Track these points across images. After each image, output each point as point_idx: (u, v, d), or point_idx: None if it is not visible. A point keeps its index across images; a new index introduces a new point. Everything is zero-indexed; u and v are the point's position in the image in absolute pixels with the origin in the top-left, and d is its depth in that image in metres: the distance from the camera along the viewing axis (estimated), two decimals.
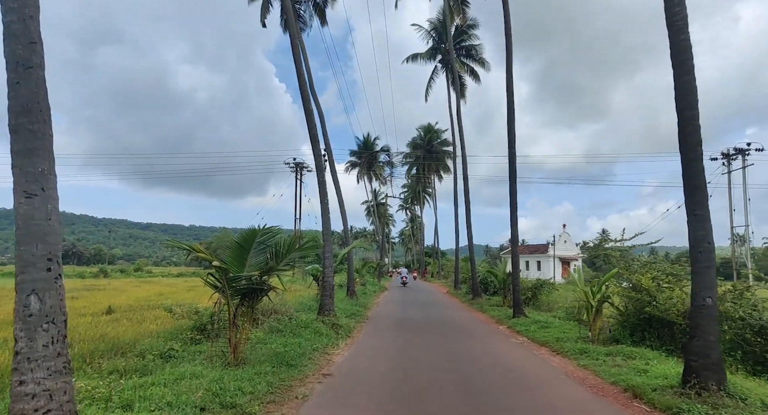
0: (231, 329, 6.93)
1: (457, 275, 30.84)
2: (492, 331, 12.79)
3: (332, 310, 11.84)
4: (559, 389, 6.60)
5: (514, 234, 14.88)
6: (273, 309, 10.31)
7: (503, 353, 9.44)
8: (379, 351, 9.25)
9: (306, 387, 6.35)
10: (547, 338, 10.62)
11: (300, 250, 7.70)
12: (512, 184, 14.98)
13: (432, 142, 51.86)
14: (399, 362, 8.26)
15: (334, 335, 10.20)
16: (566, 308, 15.30)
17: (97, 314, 13.73)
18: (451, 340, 10.81)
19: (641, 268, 10.89)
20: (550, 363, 8.50)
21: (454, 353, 9.22)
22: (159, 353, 7.64)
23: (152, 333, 9.62)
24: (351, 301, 18.09)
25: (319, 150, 12.11)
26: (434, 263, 61.32)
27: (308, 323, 10.33)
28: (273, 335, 9.04)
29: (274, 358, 7.40)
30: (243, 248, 7.25)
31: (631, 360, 8.12)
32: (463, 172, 24.15)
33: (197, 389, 5.44)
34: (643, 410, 5.64)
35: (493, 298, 21.66)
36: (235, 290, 6.95)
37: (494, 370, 7.73)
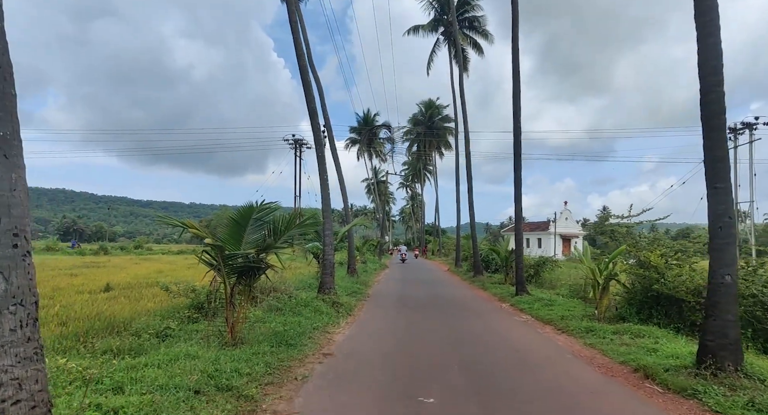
0: (228, 309, 6.69)
1: (458, 253, 30.70)
2: (495, 309, 12.62)
3: (333, 288, 11.64)
4: (566, 370, 6.40)
5: (518, 210, 14.57)
6: (272, 287, 10.09)
7: (507, 331, 9.25)
8: (381, 330, 9.07)
9: (306, 368, 6.14)
10: (552, 316, 10.43)
11: (299, 227, 7.40)
12: (517, 159, 14.59)
13: (433, 119, 51.11)
14: (401, 341, 8.07)
15: (334, 314, 10.01)
16: (570, 285, 15.15)
17: (94, 291, 13.55)
18: (453, 318, 10.63)
19: (649, 245, 10.61)
20: (555, 342, 8.30)
21: (457, 331, 9.03)
22: (155, 332, 7.44)
23: (149, 311, 9.42)
24: (352, 279, 17.94)
25: (318, 124, 11.68)
26: (435, 241, 61.33)
27: (308, 302, 10.13)
28: (272, 314, 8.84)
29: (273, 337, 7.19)
30: (239, 224, 6.94)
31: (639, 339, 7.92)
32: (466, 149, 23.69)
33: (192, 370, 5.21)
34: (656, 391, 5.43)
35: (495, 275, 21.52)
36: (232, 268, 6.68)
37: (499, 350, 7.54)
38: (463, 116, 24.18)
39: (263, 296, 9.75)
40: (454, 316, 11.00)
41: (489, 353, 7.28)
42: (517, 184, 14.53)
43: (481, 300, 14.44)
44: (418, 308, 12.27)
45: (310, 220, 8.55)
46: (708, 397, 4.95)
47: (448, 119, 50.92)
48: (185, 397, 4.50)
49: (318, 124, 11.73)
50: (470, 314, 11.39)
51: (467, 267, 26.61)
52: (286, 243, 7.41)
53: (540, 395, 5.22)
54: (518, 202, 14.52)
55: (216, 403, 4.54)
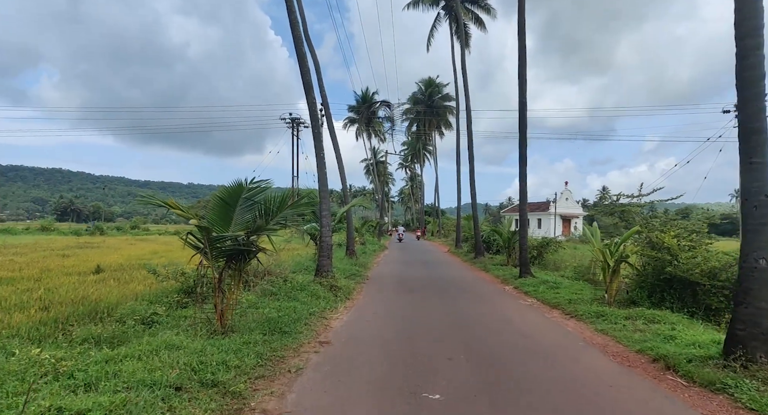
0: (216, 295, 6.22)
1: (458, 234, 30.30)
2: (498, 291, 12.21)
3: (330, 271, 11.18)
4: (579, 358, 5.97)
5: (523, 189, 14.02)
6: (267, 271, 9.62)
7: (513, 316, 8.83)
8: (381, 315, 8.64)
9: (301, 358, 5.70)
10: (558, 299, 10.02)
11: (293, 207, 6.88)
12: (522, 135, 13.98)
13: (433, 97, 50.08)
14: (402, 327, 7.64)
15: (332, 298, 9.57)
16: (575, 267, 14.74)
17: (84, 273, 13.13)
18: (456, 302, 10.21)
19: (661, 225, 10.13)
20: (564, 328, 7.89)
21: (461, 316, 8.60)
22: (141, 318, 7.01)
23: (138, 295, 9.00)
24: (350, 261, 17.51)
25: (314, 99, 11.03)
26: (434, 222, 60.96)
27: (305, 285, 9.67)
28: (266, 299, 8.38)
29: (266, 324, 6.74)
30: (227, 204, 6.41)
31: (653, 324, 7.50)
32: (467, 127, 23.03)
33: (175, 363, 4.76)
34: (679, 384, 5.00)
35: (496, 257, 21.13)
36: (220, 252, 6.18)
37: (506, 336, 7.11)
38: (465, 93, 23.42)
39: (257, 279, 9.29)
40: (456, 299, 10.58)
41: (496, 340, 6.86)
42: (522, 161, 13.96)
43: (483, 282, 14.04)
44: (419, 290, 11.85)
45: (305, 199, 8.02)
46: (740, 392, 4.52)
47: (449, 98, 49.91)
48: (164, 395, 4.05)
49: (314, 99, 11.09)
50: (473, 297, 10.98)
51: (468, 248, 26.22)
52: (279, 225, 6.89)
53: (555, 387, 4.79)
54: (523, 181, 13.98)
55: (199, 401, 4.09)
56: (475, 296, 11.31)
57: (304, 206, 6.95)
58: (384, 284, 13.22)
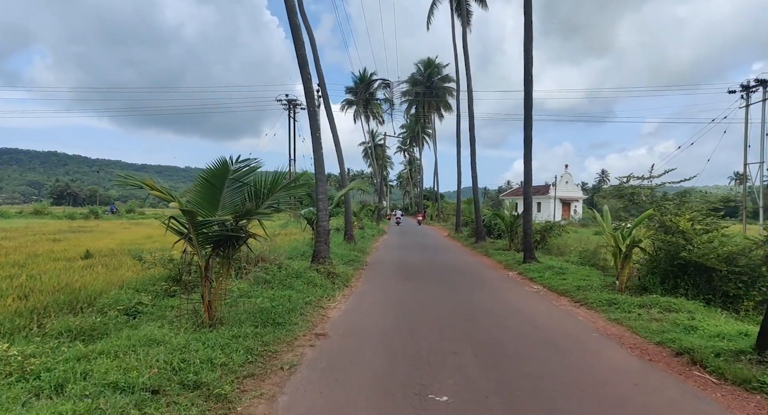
0: (203, 284, 5.73)
1: (458, 218, 29.84)
2: (502, 277, 11.78)
3: (328, 257, 10.71)
4: (596, 352, 5.54)
5: (528, 171, 13.49)
6: (260, 257, 9.14)
7: (520, 304, 8.39)
8: (381, 303, 8.19)
9: (295, 353, 5.25)
10: (566, 286, 9.58)
11: (285, 189, 6.34)
12: (527, 114, 13.39)
13: (432, 78, 49.11)
14: (403, 316, 7.19)
15: (329, 286, 9.11)
16: (580, 251, 14.32)
17: (73, 258, 12.66)
18: (459, 289, 9.78)
19: (675, 208, 9.64)
20: (575, 317, 7.46)
21: (465, 305, 8.17)
22: (124, 308, 6.54)
23: (125, 282, 8.54)
24: (349, 246, 17.05)
25: (309, 74, 10.39)
26: (433, 206, 60.51)
27: (300, 272, 9.20)
28: (259, 287, 7.91)
29: (259, 315, 6.28)
30: (213, 185, 5.88)
31: (669, 313, 7.07)
32: (469, 108, 22.33)
33: (154, 361, 4.29)
34: (709, 382, 4.57)
35: (498, 241, 20.71)
36: (206, 238, 5.67)
37: (515, 327, 6.66)
38: (466, 73, 22.67)
39: (250, 266, 8.81)
40: (459, 286, 10.15)
41: (504, 330, 6.41)
42: (527, 142, 13.40)
43: (486, 268, 13.61)
44: (421, 277, 11.42)
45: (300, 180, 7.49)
46: None
47: (448, 79, 48.94)
48: (138, 400, 3.58)
49: (309, 75, 10.45)
50: (477, 284, 10.55)
51: (468, 233, 25.81)
52: (271, 208, 6.37)
53: (575, 387, 4.34)
54: (528, 162, 13.44)
55: (178, 406, 3.63)
56: (478, 282, 10.88)
57: (297, 188, 6.41)
58: (383, 270, 12.78)
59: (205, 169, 5.83)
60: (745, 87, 31.61)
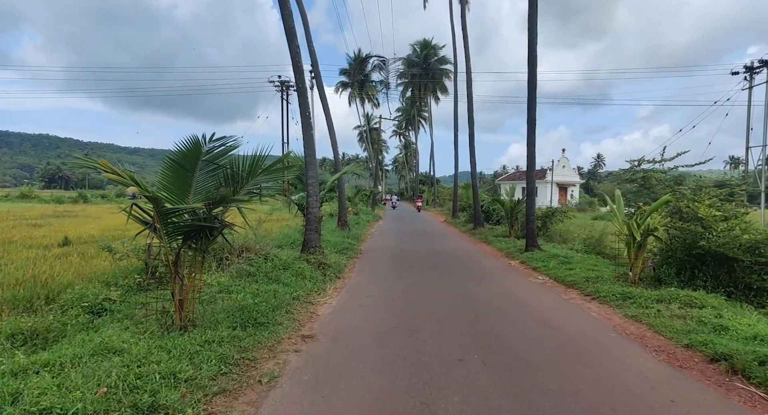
0: (173, 281, 5.02)
1: (455, 203, 29.18)
2: (504, 267, 11.15)
3: (319, 246, 9.99)
4: (619, 357, 4.90)
5: (531, 153, 12.74)
6: (244, 247, 8.42)
7: (527, 298, 7.75)
8: (375, 298, 7.53)
9: (277, 360, 4.58)
10: (574, 277, 8.95)
11: (268, 172, 5.58)
12: (531, 94, 12.60)
13: (429, 60, 47.90)
14: (401, 314, 6.52)
15: (320, 278, 8.42)
16: (584, 238, 13.70)
17: (50, 246, 11.94)
18: (460, 280, 9.13)
19: (692, 194, 8.98)
20: (588, 313, 6.82)
21: (468, 299, 7.51)
22: (89, 305, 5.84)
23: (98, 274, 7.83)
24: (342, 233, 16.35)
25: (297, 48, 9.53)
26: (429, 191, 59.81)
27: (289, 263, 8.48)
28: (241, 281, 7.20)
29: (239, 314, 5.59)
30: (183, 168, 5.13)
31: (691, 309, 6.46)
32: (467, 88, 21.45)
33: (105, 377, 3.60)
34: (757, 396, 3.93)
35: (497, 228, 20.08)
36: (175, 228, 4.94)
37: (523, 325, 6.02)
38: (465, 52, 21.70)
39: (233, 258, 8.09)
40: (459, 277, 9.50)
41: (514, 330, 5.76)
42: (530, 122, 12.63)
43: (486, 256, 12.97)
44: (418, 266, 10.77)
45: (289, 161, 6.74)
46: None
47: (445, 61, 47.78)
48: None
49: (297, 49, 9.59)
50: (478, 274, 9.90)
51: (466, 218, 25.18)
52: (252, 194, 5.63)
53: (604, 405, 3.69)
54: (531, 145, 12.69)
55: None
56: (479, 272, 10.23)
57: (280, 171, 5.65)
58: (379, 258, 12.12)
59: (174, 151, 5.06)
60: (749, 68, 30.89)
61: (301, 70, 9.65)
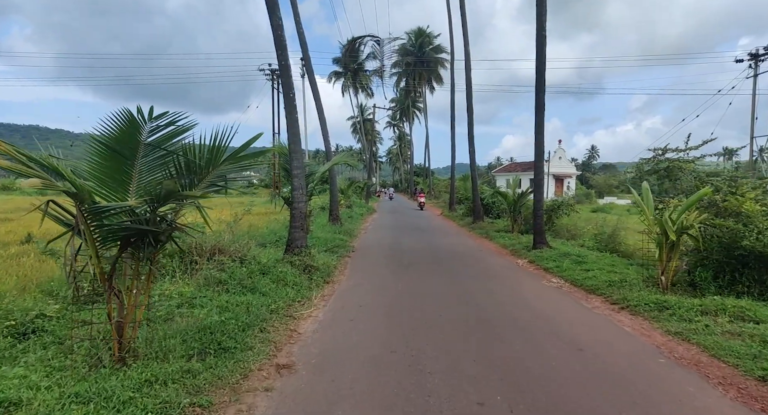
0: (108, 301, 3.89)
1: (452, 196, 28.11)
2: (512, 267, 10.08)
3: (305, 245, 8.83)
4: (675, 393, 3.84)
5: (540, 142, 11.63)
6: (217, 248, 7.25)
7: (546, 308, 6.67)
8: (370, 307, 6.43)
9: (239, 407, 3.47)
10: (594, 281, 7.91)
11: (234, 160, 4.43)
12: (540, 79, 11.48)
13: (424, 48, 46.57)
14: (400, 330, 5.43)
15: (305, 284, 7.29)
16: (595, 234, 12.67)
17: (10, 243, 10.77)
18: (465, 284, 8.06)
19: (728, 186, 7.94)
20: (620, 327, 5.77)
21: (478, 310, 6.43)
22: (16, 323, 4.70)
23: (43, 281, 6.71)
24: (334, 228, 15.21)
25: (279, 20, 8.30)
26: (424, 183, 58.69)
27: (269, 267, 7.33)
28: (209, 291, 6.05)
29: (198, 337, 4.48)
30: (118, 154, 3.97)
31: (745, 323, 5.45)
32: (466, 74, 20.26)
33: None
34: None
35: (497, 222, 19.04)
36: (108, 232, 3.79)
37: (551, 349, 4.93)
38: (464, 36, 20.45)
39: (202, 261, 6.94)
40: (464, 279, 8.43)
41: (538, 355, 4.68)
42: (539, 108, 11.52)
43: (491, 254, 11.90)
44: (417, 266, 9.68)
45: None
46: None
47: (440, 49, 46.48)
48: None
49: (279, 21, 8.36)
50: (485, 276, 8.83)
51: (463, 211, 24.12)
52: (215, 187, 4.48)
53: None
54: (540, 133, 11.59)
55: None
56: (486, 273, 9.15)
57: (251, 158, 4.51)
58: (373, 257, 11.01)
59: (103, 131, 3.88)
60: (754, 55, 29.99)
61: (284, 44, 8.43)
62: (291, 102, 8.55)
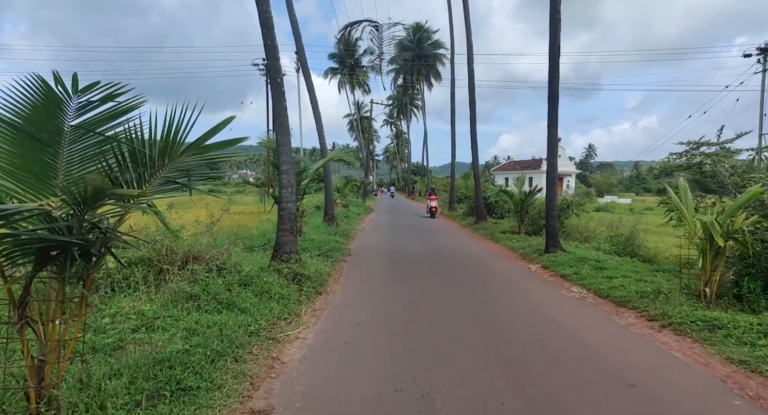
0: (21, 334, 2.91)
1: (452, 194, 27.15)
2: (525, 274, 9.13)
3: (294, 251, 7.82)
4: None
5: (553, 136, 10.69)
6: (192, 255, 6.24)
7: (574, 326, 5.71)
8: (369, 327, 5.46)
9: None
10: (623, 291, 6.97)
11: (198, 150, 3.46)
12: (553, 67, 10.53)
13: (422, 43, 45.54)
14: (406, 361, 4.45)
15: (293, 296, 6.30)
16: (611, 236, 11.73)
17: None
18: (476, 295, 7.10)
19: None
20: (668, 352, 4.82)
21: (495, 330, 5.47)
22: None
23: None
24: (329, 229, 14.22)
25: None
26: (422, 181, 57.75)
27: (252, 277, 6.30)
28: (177, 310, 5.05)
29: (152, 376, 3.50)
30: (35, 139, 2.98)
31: None
32: (468, 66, 19.27)
33: None
34: None
35: (502, 222, 18.09)
36: (15, 245, 2.80)
37: (596, 385, 3.97)
38: (466, 25, 19.43)
39: (172, 269, 5.92)
40: (474, 288, 7.49)
41: (580, 394, 3.73)
42: (552, 101, 10.56)
43: (499, 258, 10.94)
44: (421, 273, 8.72)
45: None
46: None
47: (439, 45, 45.50)
48: None
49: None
50: (497, 286, 7.89)
51: (464, 211, 23.17)
52: (170, 185, 3.51)
53: None
54: (553, 126, 10.64)
55: None
56: (497, 282, 8.20)
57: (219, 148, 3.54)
58: (371, 262, 10.05)
59: (8, 104, 2.88)
60: (763, 50, 29.25)
61: (270, 22, 7.43)
62: (278, 87, 7.55)
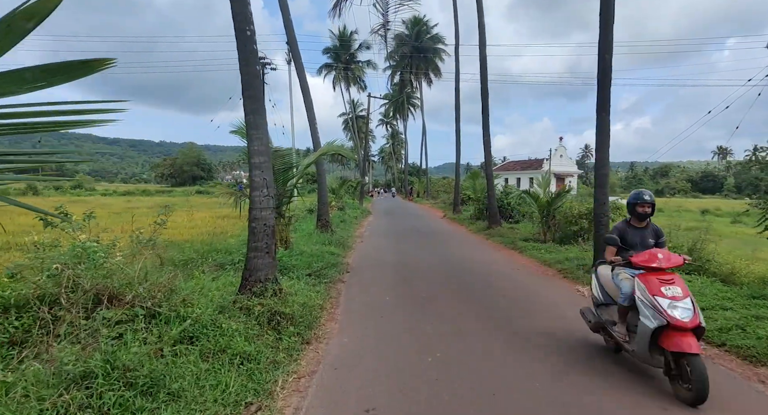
0: None
1: (457, 195, 25.08)
2: (579, 301, 7.01)
3: (272, 278, 5.57)
4: None
5: (603, 122, 8.53)
6: (107, 291, 4.04)
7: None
8: (381, 398, 3.33)
9: None
10: (748, 339, 4.87)
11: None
12: (604, 45, 8.47)
13: (421, 37, 43.47)
14: None
15: (267, 354, 4.10)
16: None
17: None
18: (527, 348, 5.00)
19: None
20: None
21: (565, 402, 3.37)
22: None
23: None
24: (323, 237, 12.02)
25: None
26: (420, 182, 55.70)
27: (202, 326, 4.13)
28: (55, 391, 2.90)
29: None
30: None
31: None
32: (480, 52, 17.17)
33: None
34: None
35: (518, 227, 16.02)
36: None
37: None
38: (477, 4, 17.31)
39: (74, 317, 3.74)
40: (524, 331, 5.38)
41: None
42: (604, 75, 8.46)
43: (535, 278, 8.79)
44: (443, 302, 6.60)
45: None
46: None
47: (438, 39, 43.56)
48: None
49: None
50: (538, 312, 5.79)
51: (471, 213, 21.10)
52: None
53: None
54: (604, 112, 8.51)
55: None
56: (550, 319, 6.07)
57: (63, 127, 1.39)
58: (375, 283, 7.89)
59: None
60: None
61: None
62: (248, 41, 5.32)
